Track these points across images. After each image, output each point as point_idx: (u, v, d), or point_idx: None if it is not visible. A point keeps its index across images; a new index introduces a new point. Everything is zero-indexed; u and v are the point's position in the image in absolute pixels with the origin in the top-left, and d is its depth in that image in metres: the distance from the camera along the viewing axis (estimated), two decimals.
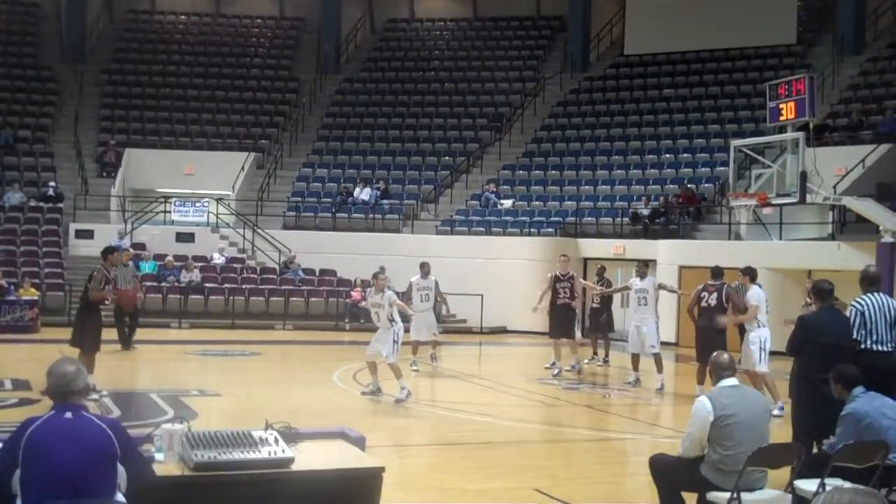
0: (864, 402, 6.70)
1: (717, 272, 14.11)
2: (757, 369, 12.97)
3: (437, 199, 29.24)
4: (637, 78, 32.53)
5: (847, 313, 8.69)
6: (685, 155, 28.22)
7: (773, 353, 13.14)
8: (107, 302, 13.43)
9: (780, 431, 9.42)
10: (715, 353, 6.89)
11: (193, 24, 37.72)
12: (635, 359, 15.63)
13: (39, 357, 15.96)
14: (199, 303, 24.47)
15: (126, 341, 18.68)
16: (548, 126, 31.62)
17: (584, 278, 24.90)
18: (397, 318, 13.46)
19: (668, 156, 28.51)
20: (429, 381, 15.78)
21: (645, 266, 16.34)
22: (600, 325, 18.84)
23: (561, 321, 16.70)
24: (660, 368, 15.43)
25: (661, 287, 16.08)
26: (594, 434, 12.03)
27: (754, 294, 13.31)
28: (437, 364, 17.40)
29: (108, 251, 13.68)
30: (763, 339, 13.16)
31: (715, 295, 13.70)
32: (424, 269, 17.11)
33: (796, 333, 8.77)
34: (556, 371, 16.65)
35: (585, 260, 25.39)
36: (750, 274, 13.54)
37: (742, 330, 14.19)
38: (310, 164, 31.42)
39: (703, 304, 13.76)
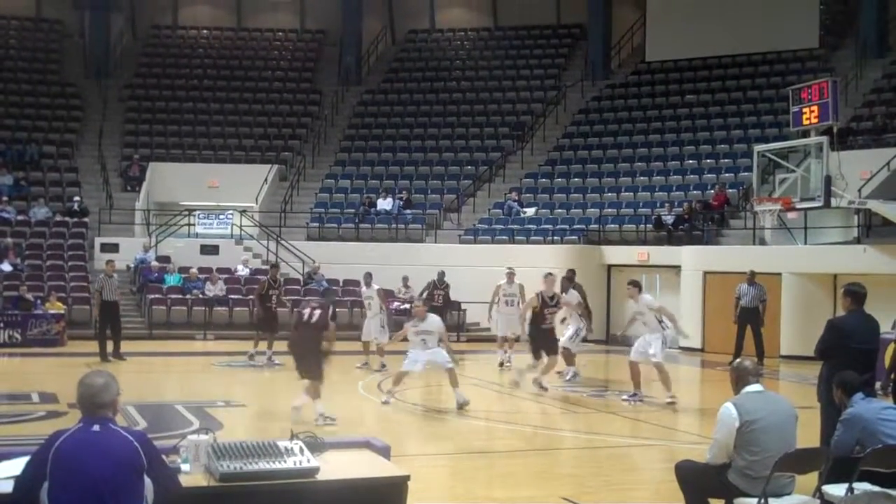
0: (863, 406, 6.74)
1: None
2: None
3: (459, 209, 29.25)
4: (659, 84, 32.47)
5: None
6: (708, 161, 28.09)
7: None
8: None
9: (808, 436, 9.35)
10: (738, 359, 6.90)
11: (215, 39, 37.97)
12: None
13: (66, 370, 16.15)
14: (223, 314, 24.57)
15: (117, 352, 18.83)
16: (570, 134, 31.58)
17: (609, 286, 24.87)
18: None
19: (691, 161, 28.39)
20: (452, 391, 15.75)
21: (568, 281, 17.23)
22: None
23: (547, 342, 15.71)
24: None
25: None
26: (619, 441, 11.96)
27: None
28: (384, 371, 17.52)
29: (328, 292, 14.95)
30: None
31: None
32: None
33: (825, 337, 8.69)
34: (568, 376, 16.75)
35: (609, 267, 25.32)
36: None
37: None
38: (332, 175, 31.51)
39: None
